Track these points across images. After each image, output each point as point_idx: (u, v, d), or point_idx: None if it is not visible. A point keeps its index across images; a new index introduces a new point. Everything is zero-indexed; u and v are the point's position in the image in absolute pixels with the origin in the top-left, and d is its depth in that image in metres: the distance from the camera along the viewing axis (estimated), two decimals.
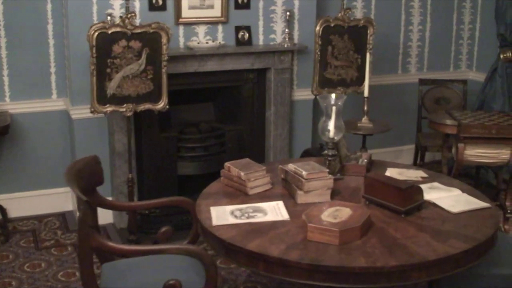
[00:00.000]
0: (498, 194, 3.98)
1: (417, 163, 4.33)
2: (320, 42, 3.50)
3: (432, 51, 4.86)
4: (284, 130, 4.07)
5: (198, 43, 3.80)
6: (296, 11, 4.03)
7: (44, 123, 3.95)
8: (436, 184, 2.65)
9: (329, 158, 2.65)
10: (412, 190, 2.33)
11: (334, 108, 2.60)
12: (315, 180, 2.43)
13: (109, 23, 3.21)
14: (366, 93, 3.20)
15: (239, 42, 3.89)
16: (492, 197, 4.14)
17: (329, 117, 2.61)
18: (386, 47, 4.64)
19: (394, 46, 4.70)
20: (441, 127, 3.69)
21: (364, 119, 3.27)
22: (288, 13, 3.91)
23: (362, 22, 3.63)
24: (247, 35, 3.90)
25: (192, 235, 2.61)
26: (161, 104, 3.32)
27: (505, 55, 4.48)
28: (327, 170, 2.47)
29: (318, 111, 4.28)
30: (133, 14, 3.16)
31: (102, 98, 3.21)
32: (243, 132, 4.07)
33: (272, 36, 4.02)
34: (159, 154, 3.88)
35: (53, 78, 3.93)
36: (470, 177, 4.54)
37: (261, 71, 4.01)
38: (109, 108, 3.24)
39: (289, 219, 2.29)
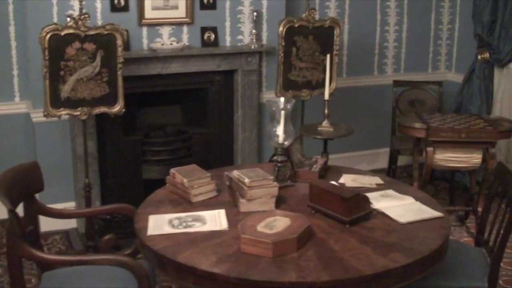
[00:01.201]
0: (471, 199, 3.87)
1: (391, 167, 4.22)
2: (283, 44, 3.40)
3: (410, 52, 4.75)
4: (253, 133, 3.98)
5: (162, 44, 3.71)
6: (264, 11, 3.94)
7: (7, 126, 3.87)
8: (390, 191, 2.55)
9: (278, 164, 2.56)
10: (357, 199, 2.23)
11: (282, 112, 2.50)
12: (258, 188, 2.34)
13: (63, 24, 3.13)
14: (326, 96, 3.10)
15: (205, 44, 3.80)
16: (466, 202, 4.06)
17: (277, 122, 2.53)
18: (361, 48, 4.54)
19: (369, 46, 4.60)
20: (409, 131, 3.59)
21: (325, 123, 3.17)
22: (255, 13, 3.82)
23: (328, 22, 3.53)
24: (213, 36, 3.81)
25: (136, 244, 2.52)
26: (117, 108, 3.24)
27: (482, 56, 4.37)
28: (272, 177, 2.38)
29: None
30: (86, 16, 3.08)
31: (56, 101, 3.12)
32: (210, 135, 3.98)
33: (240, 37, 3.93)
34: (124, 158, 3.80)
35: (15, 80, 3.85)
36: (446, 180, 4.43)
37: (228, 73, 3.92)
38: (63, 112, 3.16)
39: (227, 229, 2.19)
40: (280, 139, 2.53)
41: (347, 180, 2.67)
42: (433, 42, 4.84)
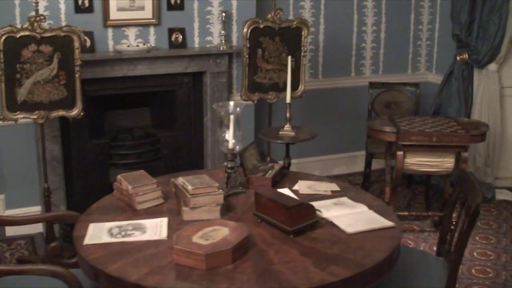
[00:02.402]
0: (445, 204, 3.77)
1: (365, 171, 4.13)
2: (248, 45, 3.31)
3: (388, 53, 4.65)
4: None
5: (128, 46, 3.64)
6: (234, 12, 3.86)
7: None
8: (344, 199, 2.46)
9: (228, 171, 2.48)
10: (301, 208, 2.14)
11: (232, 117, 2.42)
12: (202, 196, 2.26)
13: (18, 26, 3.07)
14: (288, 99, 3.01)
15: (173, 45, 3.73)
16: (440, 207, 3.96)
17: (227, 127, 2.45)
18: (337, 48, 4.45)
19: (346, 47, 4.50)
20: (379, 134, 3.49)
21: (286, 127, 3.08)
22: (224, 14, 3.74)
23: (295, 23, 3.44)
24: (181, 37, 3.73)
25: None
26: (75, 111, 3.17)
27: (461, 57, 4.26)
28: (216, 184, 2.30)
29: (261, 116, 4.15)
30: (42, 17, 3.01)
31: (13, 105, 3.06)
32: (179, 138, 3.91)
33: (209, 38, 3.85)
34: (90, 161, 3.73)
35: None
36: (423, 184, 4.33)
37: (197, 75, 3.84)
38: (19, 116, 3.09)
39: (166, 238, 2.12)
40: (230, 144, 2.45)
41: (302, 186, 2.58)
42: (412, 42, 4.73)
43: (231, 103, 2.45)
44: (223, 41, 3.76)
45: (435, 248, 3.67)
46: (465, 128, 3.49)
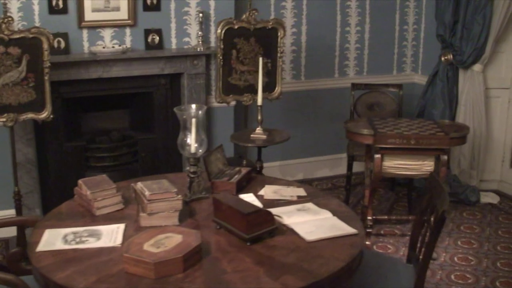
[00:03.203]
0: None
1: (347, 174, 4.05)
2: (222, 46, 3.25)
3: (373, 54, 4.58)
4: None
5: (104, 47, 3.60)
6: (212, 12, 3.80)
7: None
8: (308, 205, 2.40)
9: (191, 175, 2.42)
10: (259, 215, 2.09)
11: (193, 120, 2.37)
12: (160, 201, 2.20)
13: None
14: (259, 102, 2.95)
15: (149, 46, 3.68)
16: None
17: (189, 130, 2.40)
18: (320, 49, 4.38)
19: (329, 48, 4.43)
20: (356, 137, 3.42)
21: (258, 130, 3.02)
22: (201, 14, 3.69)
23: (270, 24, 3.37)
24: (157, 38, 3.68)
25: None
26: (45, 114, 3.12)
27: (446, 57, 4.18)
28: (175, 190, 2.24)
29: (240, 118, 4.09)
30: (10, 19, 2.97)
31: None
32: (156, 140, 3.86)
33: (186, 39, 3.80)
34: (66, 164, 3.69)
35: None
36: (407, 186, 4.25)
37: (174, 76, 3.80)
38: None
39: (120, 245, 2.07)
40: (192, 148, 2.40)
41: (267, 191, 2.52)
42: (398, 43, 4.66)
43: (193, 106, 2.40)
44: (200, 42, 3.70)
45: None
46: (445, 131, 3.42)
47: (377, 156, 3.35)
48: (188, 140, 2.39)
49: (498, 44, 4.14)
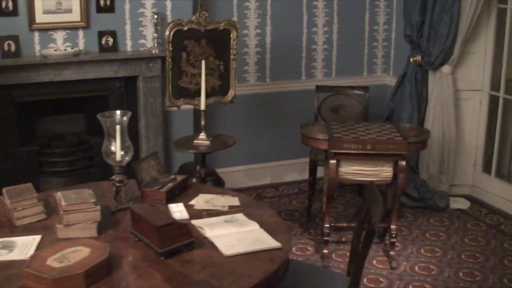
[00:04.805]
0: (388, 215, 3.58)
1: (309, 179, 3.94)
2: (171, 49, 3.16)
3: (342, 55, 4.45)
4: (158, 143, 3.76)
5: (56, 50, 3.52)
6: (168, 13, 3.71)
7: None
8: (238, 216, 2.29)
9: (117, 184, 2.33)
10: (173, 228, 1.99)
11: (118, 127, 2.28)
12: (77, 212, 2.11)
13: None
14: (202, 106, 2.85)
15: (103, 49, 3.59)
16: (382, 218, 3.75)
17: (113, 137, 2.31)
18: (286, 51, 4.26)
19: (295, 50, 4.31)
20: (311, 142, 3.32)
21: (202, 136, 2.92)
22: (156, 16, 3.60)
23: (222, 25, 3.27)
24: (111, 40, 3.59)
25: None
26: None
27: (414, 58, 4.06)
28: (93, 200, 2.16)
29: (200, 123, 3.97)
30: None
31: None
32: None
33: (142, 41, 3.71)
34: (19, 169, 3.61)
35: None
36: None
37: (129, 79, 3.71)
38: None
39: (29, 259, 1.99)
40: (117, 156, 2.31)
41: (199, 201, 2.42)
42: (368, 43, 4.53)
43: (118, 112, 2.30)
44: (156, 44, 3.61)
45: (374, 262, 3.52)
46: (404, 135, 3.30)
47: (332, 162, 3.24)
48: (113, 148, 2.30)
49: (467, 44, 4.01)
